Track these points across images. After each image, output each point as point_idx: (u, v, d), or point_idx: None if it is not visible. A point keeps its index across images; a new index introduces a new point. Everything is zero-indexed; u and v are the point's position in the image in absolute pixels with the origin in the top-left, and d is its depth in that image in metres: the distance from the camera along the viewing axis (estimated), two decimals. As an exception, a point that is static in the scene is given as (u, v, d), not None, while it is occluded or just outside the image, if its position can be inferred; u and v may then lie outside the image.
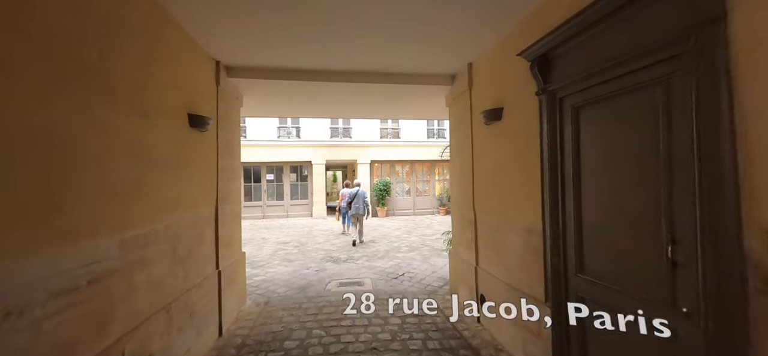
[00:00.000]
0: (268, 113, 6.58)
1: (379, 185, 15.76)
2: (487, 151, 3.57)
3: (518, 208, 2.96)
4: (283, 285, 5.56)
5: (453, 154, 4.80)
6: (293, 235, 10.90)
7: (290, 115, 6.89)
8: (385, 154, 16.33)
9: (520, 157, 2.93)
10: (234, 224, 4.28)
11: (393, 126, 16.74)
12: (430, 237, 9.92)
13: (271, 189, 15.80)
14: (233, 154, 4.35)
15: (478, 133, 3.77)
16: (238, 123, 4.72)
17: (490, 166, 3.50)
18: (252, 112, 6.29)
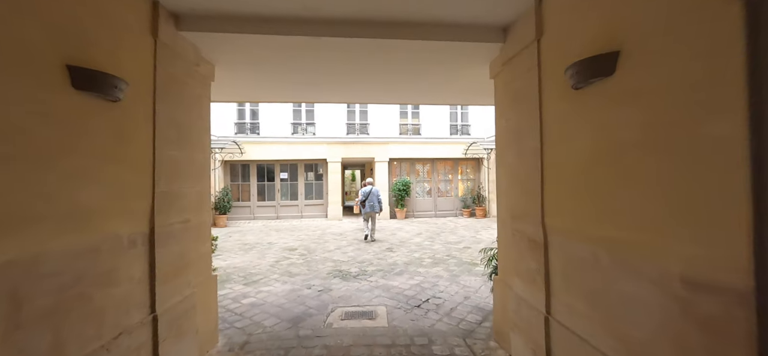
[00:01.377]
0: (254, 94, 5.33)
1: (398, 185, 14.44)
2: (577, 131, 2.17)
3: (661, 233, 1.57)
4: (273, 314, 4.34)
5: (502, 142, 3.41)
6: (303, 240, 9.76)
7: (285, 96, 5.61)
8: (405, 152, 14.99)
9: (667, 134, 1.53)
10: (192, 240, 3.08)
11: (413, 121, 15.38)
12: (456, 246, 8.50)
13: (285, 189, 14.81)
14: (194, 143, 3.15)
15: (556, 104, 2.38)
16: (205, 101, 3.53)
17: (583, 156, 2.11)
18: (232, 92, 4.97)
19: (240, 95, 5.41)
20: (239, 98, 5.45)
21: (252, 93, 5.03)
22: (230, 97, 5.39)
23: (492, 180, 14.73)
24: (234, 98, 5.60)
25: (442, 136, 15.19)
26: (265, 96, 5.31)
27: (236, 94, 5.12)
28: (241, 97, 5.30)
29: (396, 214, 14.65)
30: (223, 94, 4.74)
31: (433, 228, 11.68)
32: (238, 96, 5.34)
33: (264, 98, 5.65)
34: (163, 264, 2.57)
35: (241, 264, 6.96)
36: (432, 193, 15.47)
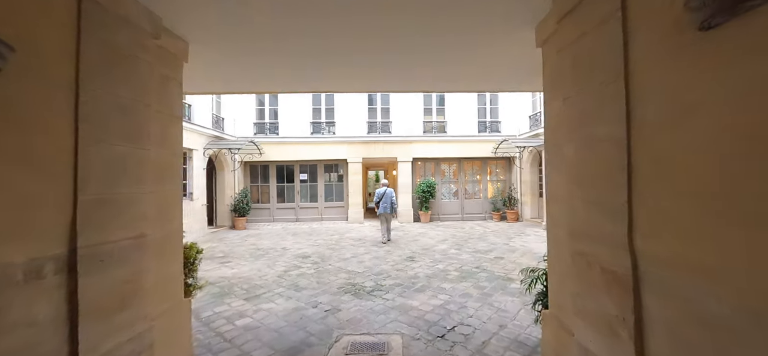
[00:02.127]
0: (245, 80, 4.54)
1: (422, 186, 13.56)
2: (707, 102, 1.29)
3: None
4: (267, 342, 3.67)
5: (556, 132, 2.54)
6: (319, 245, 9.15)
7: (282, 83, 4.85)
8: (429, 151, 14.09)
9: None
10: (151, 259, 2.44)
11: (438, 119, 14.45)
12: (486, 256, 7.53)
13: (304, 190, 14.36)
14: (153, 136, 2.51)
15: (661, 64, 1.50)
16: (174, 86, 2.91)
17: (724, 144, 1.22)
18: (217, 79, 3.99)
19: (227, 83, 4.54)
20: (226, 87, 4.70)
21: (242, 78, 4.30)
22: (215, 85, 4.73)
23: (525, 181, 13.51)
24: (220, 87, 4.92)
25: (469, 133, 14.15)
26: (258, 82, 4.57)
27: (222, 81, 4.41)
28: (229, 86, 4.55)
29: (420, 217, 13.79)
30: (207, 81, 4.13)
31: (460, 234, 10.71)
32: (226, 84, 4.56)
33: (257, 86, 4.85)
34: (94, 295, 1.93)
35: (248, 274, 6.40)
36: (458, 195, 14.46)
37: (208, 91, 4.67)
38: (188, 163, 10.63)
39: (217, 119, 12.55)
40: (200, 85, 4.38)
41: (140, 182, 2.35)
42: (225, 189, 13.04)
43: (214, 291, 5.46)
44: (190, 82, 4.12)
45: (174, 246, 2.95)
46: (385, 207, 9.23)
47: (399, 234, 10.86)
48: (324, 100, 14.23)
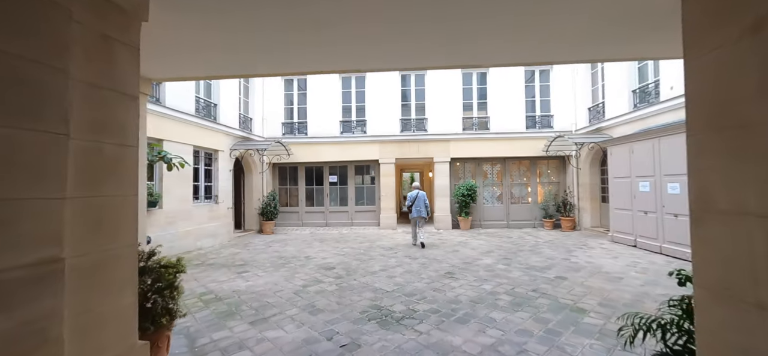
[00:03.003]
0: (231, 58, 3.41)
1: (462, 189, 12.26)
2: None
3: None
4: (257, 396, 2.76)
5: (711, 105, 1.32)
6: (346, 254, 8.26)
7: (277, 61, 3.71)
8: (470, 150, 12.76)
9: None
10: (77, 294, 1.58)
11: (479, 114, 13.07)
12: (543, 274, 6.17)
13: (334, 193, 13.65)
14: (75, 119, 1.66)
15: None
16: (122, 53, 2.06)
17: None
18: (198, 60, 3.38)
19: (209, 64, 3.48)
20: (209, 70, 3.74)
21: (225, 55, 3.41)
22: (194, 67, 3.78)
23: (583, 184, 11.73)
24: (200, 70, 4.02)
25: (515, 130, 12.62)
26: (247, 60, 3.61)
27: (202, 62, 3.51)
28: (213, 68, 3.59)
29: (459, 224, 12.48)
30: (183, 59, 3.32)
31: (508, 244, 9.31)
32: (207, 66, 3.58)
33: (245, 68, 3.85)
34: None
35: (262, 288, 5.63)
36: (503, 199, 12.95)
37: (187, 75, 3.87)
38: (213, 165, 10.26)
39: (245, 119, 12.19)
40: (174, 67, 3.60)
41: (43, 182, 1.51)
42: (253, 191, 12.65)
43: (221, 309, 4.71)
44: (161, 64, 3.36)
45: (120, 272, 2.11)
46: (419, 210, 9.13)
47: (436, 243, 9.69)
48: (354, 97, 13.44)
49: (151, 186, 7.78)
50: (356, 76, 13.42)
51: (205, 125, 9.63)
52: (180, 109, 8.59)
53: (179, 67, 3.63)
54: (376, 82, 13.18)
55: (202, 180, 9.79)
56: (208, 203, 9.91)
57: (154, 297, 2.68)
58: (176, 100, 8.49)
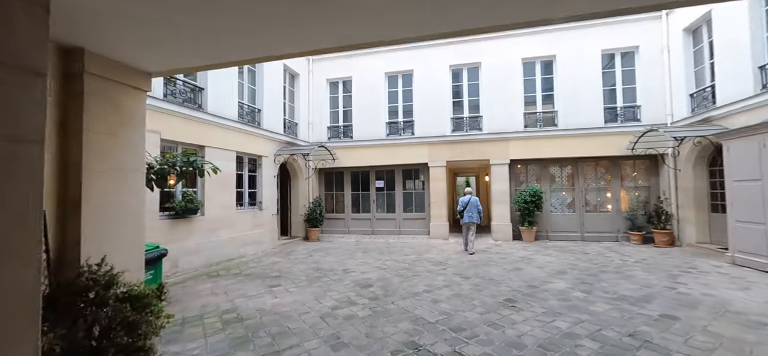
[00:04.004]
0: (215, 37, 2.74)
1: (524, 195, 10.66)
2: None
3: None
4: None
5: None
6: (388, 268, 7.39)
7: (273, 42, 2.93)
8: (533, 150, 11.11)
9: None
10: None
11: (545, 108, 11.35)
12: (643, 311, 4.62)
13: (381, 199, 12.90)
14: None
15: None
16: (24, 20, 1.43)
17: None
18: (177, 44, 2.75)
19: (205, 51, 2.97)
20: (207, 58, 3.06)
21: (220, 39, 2.72)
22: (188, 57, 3.14)
23: (684, 189, 9.44)
24: (196, 59, 3.32)
25: (590, 125, 10.68)
26: (246, 44, 2.90)
27: (197, 50, 2.86)
28: (208, 56, 2.92)
29: (521, 235, 10.88)
30: (177, 52, 2.71)
31: (585, 263, 7.64)
32: (202, 54, 2.90)
33: (243, 51, 3.02)
34: None
35: (289, 308, 4.98)
36: (576, 207, 11.03)
37: (182, 66, 3.28)
38: (257, 171, 10.14)
39: (290, 124, 12.04)
40: (167, 57, 3.04)
41: None
42: (299, 197, 12.44)
43: (238, 333, 4.13)
44: (155, 55, 2.81)
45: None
46: (471, 215, 9.01)
47: (493, 258, 8.36)
48: (401, 96, 12.59)
49: (193, 193, 7.72)
50: (403, 75, 12.58)
51: (249, 131, 9.52)
52: (222, 115, 8.53)
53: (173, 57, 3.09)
54: (423, 78, 12.20)
55: (246, 187, 9.69)
56: (251, 210, 9.78)
57: (104, 344, 2.06)
58: (218, 107, 8.44)
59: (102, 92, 2.91)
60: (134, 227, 3.13)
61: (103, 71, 2.91)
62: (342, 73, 13.01)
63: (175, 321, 4.57)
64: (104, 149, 2.90)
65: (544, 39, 11.25)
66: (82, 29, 2.60)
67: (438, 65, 12.09)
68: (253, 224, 9.64)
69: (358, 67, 12.80)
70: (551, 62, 11.38)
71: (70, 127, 2.73)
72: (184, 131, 7.49)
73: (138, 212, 3.18)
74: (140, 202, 3.22)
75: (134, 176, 3.15)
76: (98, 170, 2.85)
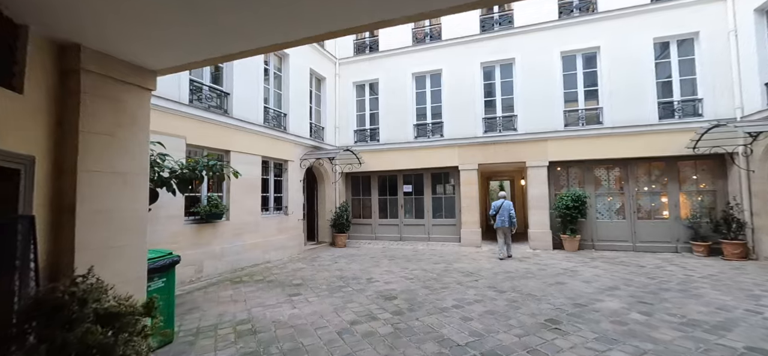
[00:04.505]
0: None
1: (566, 200, 9.74)
2: None
3: None
4: None
5: None
6: (414, 277, 6.92)
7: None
8: (575, 151, 10.17)
9: None
10: None
11: (588, 105, 10.39)
12: (721, 340, 3.81)
13: (409, 204, 12.42)
14: None
15: None
16: None
17: None
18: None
19: (210, 43, 2.74)
20: (212, 50, 2.83)
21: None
22: (195, 50, 2.85)
23: (759, 193, 8.14)
24: (202, 51, 2.98)
25: (641, 121, 9.58)
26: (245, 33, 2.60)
27: (203, 42, 2.61)
28: (214, 48, 2.70)
29: (563, 243, 9.95)
30: (182, 45, 2.45)
31: (640, 277, 6.71)
32: (208, 46, 2.67)
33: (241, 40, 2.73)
34: None
35: (306, 320, 4.66)
36: (626, 213, 9.92)
37: (189, 61, 3.03)
38: (283, 175, 10.06)
39: (316, 128, 11.92)
40: (172, 52, 2.81)
41: None
42: (325, 202, 12.27)
43: (248, 348, 3.86)
44: (159, 50, 2.57)
45: None
46: (503, 220, 9.03)
47: (531, 269, 7.61)
48: (429, 97, 12.09)
49: (218, 197, 7.71)
50: (431, 75, 12.08)
51: (274, 135, 9.46)
52: (248, 120, 8.51)
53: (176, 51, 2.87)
54: (453, 78, 11.62)
55: (272, 191, 9.62)
56: (277, 215, 9.69)
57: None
58: (244, 111, 8.42)
59: (100, 90, 2.73)
60: (135, 234, 2.93)
61: (101, 68, 2.74)
62: (368, 75, 12.76)
63: (189, 332, 4.41)
64: (102, 151, 2.72)
65: (585, 30, 10.32)
66: (78, 24, 2.42)
67: (468, 63, 11.49)
68: (279, 229, 9.54)
69: (384, 68, 12.49)
70: (594, 55, 10.41)
71: (66, 127, 2.57)
72: (210, 136, 7.50)
73: (140, 219, 2.98)
74: (142, 208, 3.01)
75: (136, 180, 2.96)
76: (95, 173, 2.66)
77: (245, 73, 8.53)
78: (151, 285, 3.85)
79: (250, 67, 8.67)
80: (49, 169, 2.47)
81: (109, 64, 2.79)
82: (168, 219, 6.49)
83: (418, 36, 12.41)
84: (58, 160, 2.52)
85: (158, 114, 6.34)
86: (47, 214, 2.44)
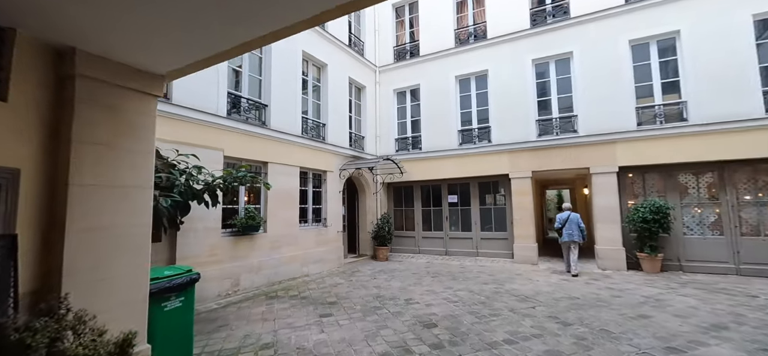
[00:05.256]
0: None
1: (643, 212, 8.24)
2: None
3: None
4: None
5: None
6: (460, 301, 6.13)
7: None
8: (652, 154, 8.64)
9: None
10: None
11: (668, 98, 8.82)
12: None
13: (454, 216, 11.56)
14: None
15: None
16: None
17: None
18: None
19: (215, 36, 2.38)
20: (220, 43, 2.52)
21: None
22: (200, 47, 2.55)
23: None
24: (210, 46, 2.63)
25: (742, 115, 7.84)
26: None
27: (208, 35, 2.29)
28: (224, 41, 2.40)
29: (640, 264, 8.42)
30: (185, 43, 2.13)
31: (753, 311, 5.24)
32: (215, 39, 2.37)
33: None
34: None
35: (329, 350, 4.16)
36: (724, 228, 8.13)
37: (198, 58, 2.70)
38: (322, 186, 9.85)
39: (356, 138, 11.63)
40: (178, 51, 2.51)
41: None
42: (367, 214, 11.86)
43: (267, 379, 3.44)
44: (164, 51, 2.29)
45: None
46: (570, 233, 8.35)
47: (602, 296, 6.40)
48: (474, 100, 11.22)
49: (255, 209, 7.63)
50: (476, 77, 11.23)
51: (313, 146, 9.31)
52: (285, 131, 8.42)
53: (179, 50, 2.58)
54: (500, 78, 10.66)
55: (310, 203, 9.43)
56: (316, 227, 9.47)
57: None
58: (281, 122, 8.35)
59: (97, 96, 2.52)
60: (135, 254, 2.66)
61: (99, 73, 2.53)
62: (409, 81, 12.25)
63: (212, 354, 4.13)
64: (98, 162, 2.48)
65: (660, 13, 8.84)
66: (72, 25, 2.20)
67: (518, 61, 10.47)
68: (317, 242, 9.29)
69: (426, 73, 11.90)
70: (673, 40, 8.84)
71: (57, 137, 2.35)
72: (247, 148, 7.47)
73: (141, 236, 2.71)
74: (144, 224, 2.74)
75: (137, 194, 2.70)
76: (89, 187, 2.41)
77: (283, 85, 8.49)
78: (168, 305, 3.62)
79: (287, 79, 8.63)
80: (38, 182, 2.26)
81: (108, 68, 2.57)
82: (206, 232, 6.47)
83: (461, 37, 11.67)
84: (47, 173, 2.31)
85: (195, 126, 6.40)
86: (33, 233, 2.21)
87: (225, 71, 7.10)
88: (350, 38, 11.49)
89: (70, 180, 2.33)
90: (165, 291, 3.55)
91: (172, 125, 5.96)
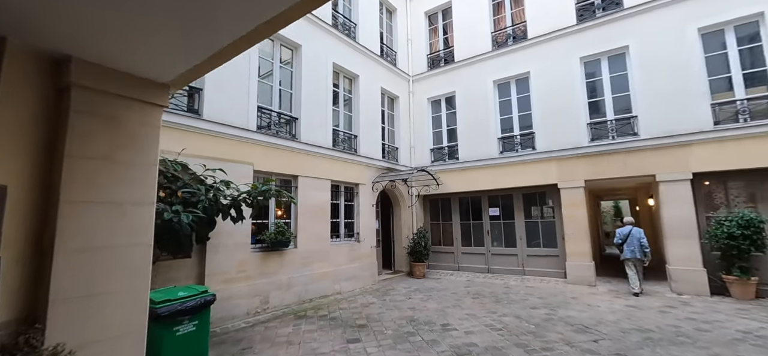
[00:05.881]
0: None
1: (730, 227, 6.91)
2: None
3: None
4: None
5: None
6: (504, 328, 5.40)
7: None
8: (736, 157, 7.31)
9: None
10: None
11: (750, 93, 7.49)
12: None
13: (496, 230, 10.68)
14: None
15: None
16: None
17: None
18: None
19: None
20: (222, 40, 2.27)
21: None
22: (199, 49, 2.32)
23: None
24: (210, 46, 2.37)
25: None
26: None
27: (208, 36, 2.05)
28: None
29: (728, 289, 7.05)
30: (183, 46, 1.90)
31: None
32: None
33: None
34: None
35: (355, 384, 3.69)
36: (840, 246, 6.56)
37: (197, 61, 2.43)
38: (355, 200, 9.55)
39: (390, 149, 11.27)
40: (178, 56, 2.28)
41: None
42: (402, 228, 11.36)
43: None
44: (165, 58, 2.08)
45: None
46: (633, 250, 7.64)
47: (682, 327, 5.31)
48: (515, 105, 10.40)
49: (285, 224, 7.47)
50: (516, 80, 10.44)
51: (344, 158, 9.08)
52: (316, 143, 8.27)
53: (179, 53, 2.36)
54: (544, 80, 9.79)
55: (342, 217, 9.15)
56: (348, 242, 9.14)
57: None
58: (312, 135, 8.22)
59: (95, 107, 2.35)
60: (133, 277, 2.43)
61: (97, 82, 2.37)
62: (444, 89, 11.72)
63: (229, 382, 3.84)
64: (93, 178, 2.29)
65: (740, -8, 7.58)
66: (68, 32, 2.05)
67: (563, 61, 9.57)
68: (350, 257, 8.95)
69: (462, 79, 11.31)
70: (756, 26, 7.53)
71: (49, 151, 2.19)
72: (277, 161, 7.38)
73: (140, 257, 2.48)
74: (144, 244, 2.51)
75: (137, 211, 2.48)
76: (82, 204, 2.22)
77: (314, 97, 8.39)
78: (180, 330, 3.39)
79: (318, 90, 8.53)
80: (26, 200, 2.09)
81: (107, 77, 2.41)
82: (235, 248, 6.38)
83: (498, 39, 10.98)
84: (37, 190, 2.14)
85: (224, 141, 6.39)
86: (18, 254, 2.03)
87: (255, 85, 7.10)
88: (382, 49, 11.28)
89: (61, 197, 2.15)
90: (177, 315, 3.34)
91: (202, 140, 5.98)
